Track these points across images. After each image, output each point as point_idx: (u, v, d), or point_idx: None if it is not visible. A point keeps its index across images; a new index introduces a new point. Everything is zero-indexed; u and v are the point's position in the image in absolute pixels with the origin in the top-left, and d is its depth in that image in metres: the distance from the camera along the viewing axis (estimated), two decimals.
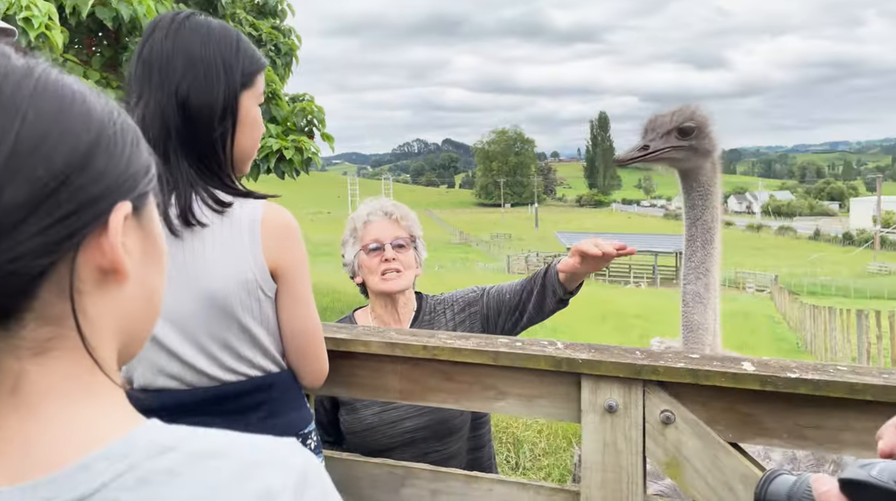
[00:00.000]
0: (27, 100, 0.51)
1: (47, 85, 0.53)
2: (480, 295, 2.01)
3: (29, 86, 0.52)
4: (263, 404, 1.32)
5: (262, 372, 1.33)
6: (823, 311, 13.95)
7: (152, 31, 1.31)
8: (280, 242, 1.32)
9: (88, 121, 0.54)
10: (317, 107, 7.71)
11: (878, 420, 1.27)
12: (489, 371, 1.51)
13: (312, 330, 1.38)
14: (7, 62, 0.53)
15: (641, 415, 1.40)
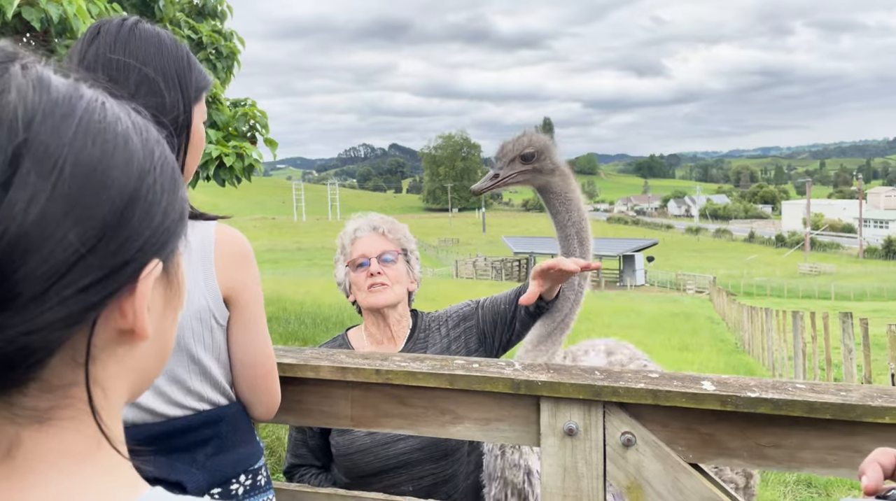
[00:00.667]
0: (66, 148, 0.43)
1: (90, 127, 0.45)
2: (475, 308, 1.94)
3: (69, 130, 0.43)
4: (212, 440, 1.23)
5: (211, 406, 1.24)
6: (760, 312, 14.44)
7: (96, 35, 1.19)
8: (234, 267, 1.23)
9: (129, 171, 0.46)
10: (259, 111, 7.53)
11: (836, 438, 1.27)
12: (445, 394, 1.45)
13: (266, 361, 1.29)
14: (44, 95, 0.44)
15: (602, 438, 1.37)
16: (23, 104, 0.42)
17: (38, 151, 0.41)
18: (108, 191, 0.44)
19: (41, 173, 0.41)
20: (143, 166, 0.47)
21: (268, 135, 7.87)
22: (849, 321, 7.84)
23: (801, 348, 10.13)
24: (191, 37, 8.70)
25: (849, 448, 1.26)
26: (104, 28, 1.21)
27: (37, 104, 0.43)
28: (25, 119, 0.42)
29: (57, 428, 0.46)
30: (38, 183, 0.41)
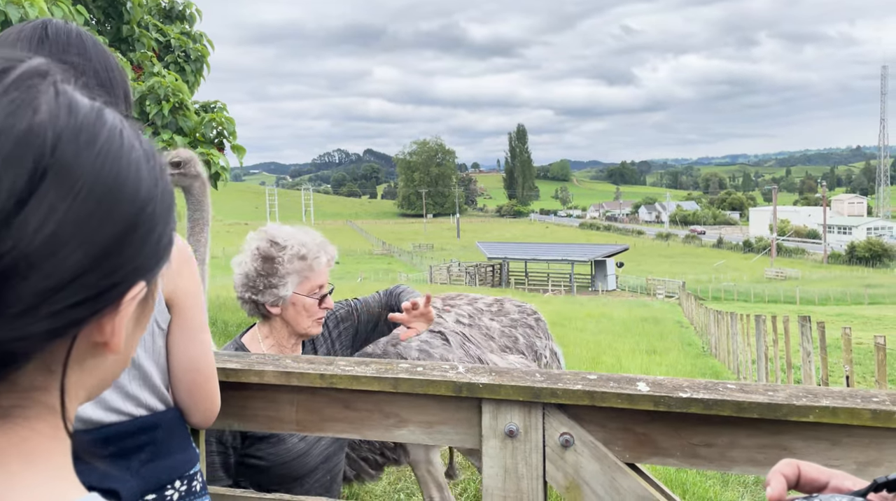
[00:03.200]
0: (85, 173, 0.44)
1: (109, 154, 0.45)
2: (351, 310, 2.11)
3: (91, 155, 0.44)
4: (147, 445, 1.22)
5: (148, 411, 1.23)
6: (726, 316, 14.69)
7: (45, 37, 1.15)
8: (177, 273, 1.23)
9: (135, 200, 0.47)
10: (226, 118, 7.46)
11: (764, 437, 1.32)
12: (389, 398, 1.47)
13: (206, 366, 1.29)
14: (72, 118, 0.44)
15: (541, 439, 1.39)
16: (52, 126, 0.43)
17: (60, 173, 0.42)
18: (114, 218, 0.45)
19: (59, 195, 0.42)
20: (147, 195, 0.48)
21: (235, 141, 7.80)
22: (807, 325, 8.03)
23: (764, 351, 10.33)
24: (158, 39, 8.61)
25: (776, 446, 1.31)
26: (52, 30, 1.18)
27: (64, 127, 0.44)
28: (52, 141, 0.43)
29: (12, 424, 0.47)
30: (54, 203, 0.42)
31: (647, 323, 22.07)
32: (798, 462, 0.61)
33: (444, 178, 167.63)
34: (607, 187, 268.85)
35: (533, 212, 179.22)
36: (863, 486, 0.56)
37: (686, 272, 57.59)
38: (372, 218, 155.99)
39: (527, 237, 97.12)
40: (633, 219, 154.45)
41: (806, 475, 0.60)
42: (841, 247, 78.57)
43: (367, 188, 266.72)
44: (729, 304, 32.93)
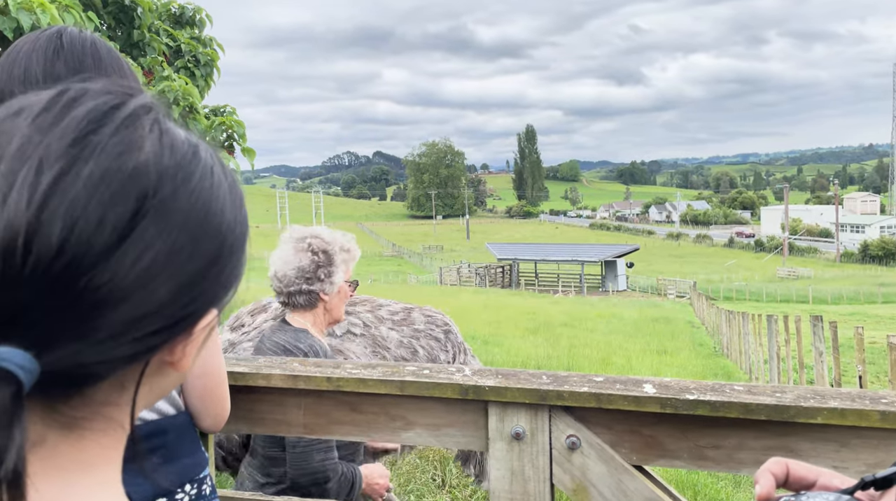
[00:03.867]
0: (181, 211, 0.46)
1: (202, 192, 0.48)
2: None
3: (186, 193, 0.46)
4: (159, 449, 1.23)
5: (159, 416, 1.24)
6: (737, 316, 14.61)
7: (60, 47, 1.16)
8: None
9: (219, 235, 0.49)
10: (236, 121, 7.50)
11: (771, 438, 1.31)
12: (396, 400, 1.47)
13: (217, 371, 1.30)
14: (172, 156, 0.46)
15: (548, 441, 1.39)
16: (156, 165, 0.45)
17: (159, 211, 0.45)
18: (200, 252, 0.48)
19: (156, 231, 0.44)
20: (228, 229, 0.50)
21: (245, 144, 7.85)
22: (819, 324, 7.96)
23: (776, 351, 10.26)
24: (169, 44, 8.67)
25: (784, 448, 1.30)
26: (66, 39, 1.19)
27: (166, 166, 0.46)
28: (155, 180, 0.45)
29: (79, 436, 0.49)
30: (151, 240, 0.44)
31: (658, 323, 21.99)
32: (787, 461, 0.62)
33: (453, 180, 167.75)
34: (617, 187, 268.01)
35: (543, 213, 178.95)
36: (851, 484, 0.57)
37: (697, 272, 57.31)
38: (382, 219, 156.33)
39: (536, 238, 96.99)
40: (644, 219, 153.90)
41: (794, 473, 0.61)
42: (854, 245, 77.92)
43: (376, 190, 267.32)
44: (741, 304, 32.72)
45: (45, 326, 0.42)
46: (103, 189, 0.43)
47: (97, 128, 0.44)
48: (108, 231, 0.43)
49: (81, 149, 0.43)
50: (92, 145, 0.43)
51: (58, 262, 0.41)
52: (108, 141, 0.44)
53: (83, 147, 0.43)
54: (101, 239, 0.42)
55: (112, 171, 0.43)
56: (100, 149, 0.43)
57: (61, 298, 0.42)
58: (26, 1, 4.81)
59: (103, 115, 0.45)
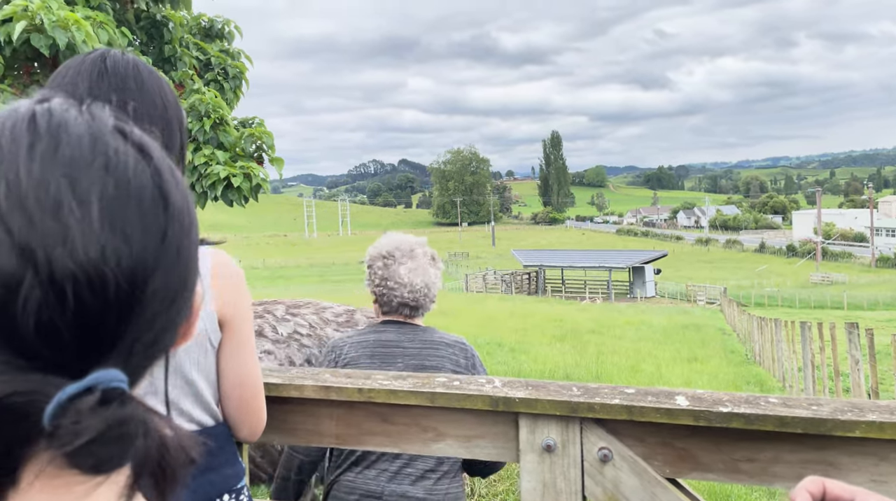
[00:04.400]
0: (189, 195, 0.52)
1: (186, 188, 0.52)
2: None
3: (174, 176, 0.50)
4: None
5: (199, 427, 1.27)
6: (770, 323, 14.33)
7: (105, 71, 1.19)
8: (229, 291, 1.27)
9: (195, 221, 0.53)
10: (265, 132, 7.62)
11: (808, 452, 1.29)
12: (426, 412, 1.48)
13: (254, 382, 1.33)
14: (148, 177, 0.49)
15: (580, 453, 1.39)
16: (155, 166, 0.49)
17: (175, 208, 0.49)
18: (196, 235, 0.52)
19: (178, 227, 0.48)
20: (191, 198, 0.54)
21: (274, 154, 7.96)
22: (855, 331, 7.78)
23: (811, 359, 10.05)
24: (199, 58, 8.85)
25: (821, 461, 1.28)
26: (110, 62, 1.20)
27: (159, 163, 0.49)
28: (162, 178, 0.49)
29: None
30: (178, 236, 0.48)
31: (688, 330, 21.67)
32: (824, 480, 0.62)
33: (478, 187, 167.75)
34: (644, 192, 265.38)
35: (569, 219, 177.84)
36: None
37: (727, 277, 56.40)
38: (407, 227, 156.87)
39: (563, 244, 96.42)
40: (672, 225, 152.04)
41: (830, 492, 0.60)
42: (889, 250, 75.96)
43: (402, 198, 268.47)
44: (773, 310, 32.12)
45: (124, 340, 0.45)
46: (138, 201, 0.46)
47: (95, 148, 0.47)
48: (153, 237, 0.46)
49: (100, 174, 0.46)
50: (108, 168, 0.46)
51: (133, 278, 0.44)
52: (116, 160, 0.47)
53: (99, 171, 0.46)
54: (151, 245, 0.46)
55: (136, 182, 0.47)
56: (114, 169, 0.47)
57: (134, 310, 0.45)
58: (61, 19, 4.95)
59: (97, 135, 0.48)
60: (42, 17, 4.86)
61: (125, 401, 0.43)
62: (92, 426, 0.41)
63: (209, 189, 6.86)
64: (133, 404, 0.44)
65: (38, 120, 0.46)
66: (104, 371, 0.43)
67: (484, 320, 19.60)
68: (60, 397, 0.41)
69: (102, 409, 0.42)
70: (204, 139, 7.22)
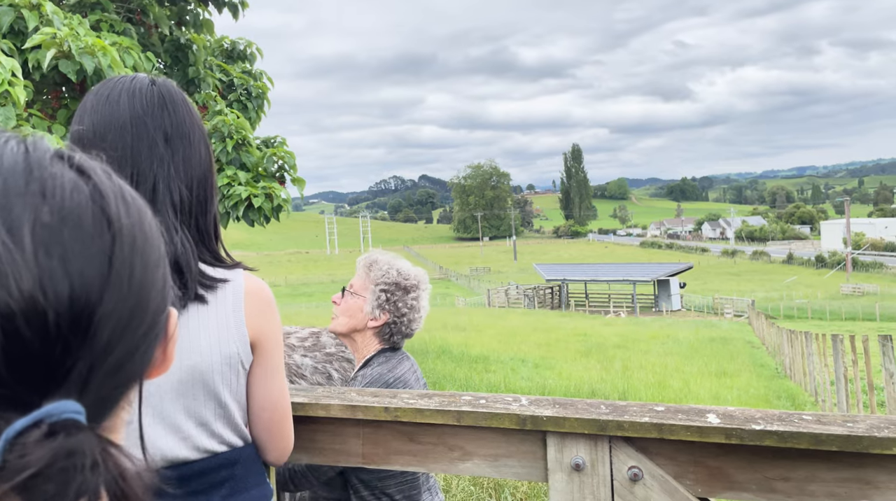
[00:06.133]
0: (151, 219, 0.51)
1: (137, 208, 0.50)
2: None
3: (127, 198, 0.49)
4: (227, 481, 1.26)
5: (228, 448, 1.28)
6: (800, 336, 14.05)
7: (173, 102, 1.23)
8: (261, 315, 1.29)
9: (158, 241, 0.52)
10: (287, 151, 7.72)
11: (844, 470, 1.26)
12: (453, 431, 1.47)
13: (283, 404, 1.34)
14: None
15: (609, 472, 1.37)
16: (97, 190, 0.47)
17: (123, 232, 0.47)
18: (160, 260, 0.51)
19: (129, 251, 0.47)
20: (159, 233, 0.53)
21: (296, 174, 8.05)
22: (889, 344, 7.59)
23: (843, 372, 9.82)
24: (222, 79, 9.01)
25: (858, 480, 1.24)
26: (164, 90, 1.24)
27: (104, 188, 0.48)
28: (106, 203, 0.47)
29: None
30: (130, 260, 0.47)
31: (716, 343, 21.34)
32: None
33: (499, 201, 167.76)
34: (668, 204, 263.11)
35: (591, 232, 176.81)
36: None
37: (755, 289, 55.51)
38: (429, 242, 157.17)
39: (585, 257, 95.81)
40: (697, 236, 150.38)
41: None
42: None
43: (423, 213, 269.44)
44: (803, 323, 31.53)
45: (76, 371, 0.43)
46: (76, 227, 0.44)
47: (30, 176, 0.45)
48: (97, 263, 0.44)
49: (34, 198, 0.44)
50: (40, 192, 0.45)
51: (74, 307, 0.43)
52: (51, 183, 0.45)
53: (34, 196, 0.44)
54: (95, 272, 0.44)
55: (75, 209, 0.45)
56: (51, 192, 0.45)
57: (83, 339, 0.43)
58: (88, 46, 5.09)
59: (25, 161, 0.46)
60: (70, 44, 4.99)
61: (73, 433, 0.42)
62: (36, 459, 0.40)
63: (231, 209, 6.96)
64: (84, 435, 0.42)
65: None
66: (56, 403, 0.42)
67: (507, 335, 19.49)
68: (8, 433, 0.40)
69: (48, 441, 0.41)
70: (226, 160, 7.33)
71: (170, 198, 1.20)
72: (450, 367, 11.96)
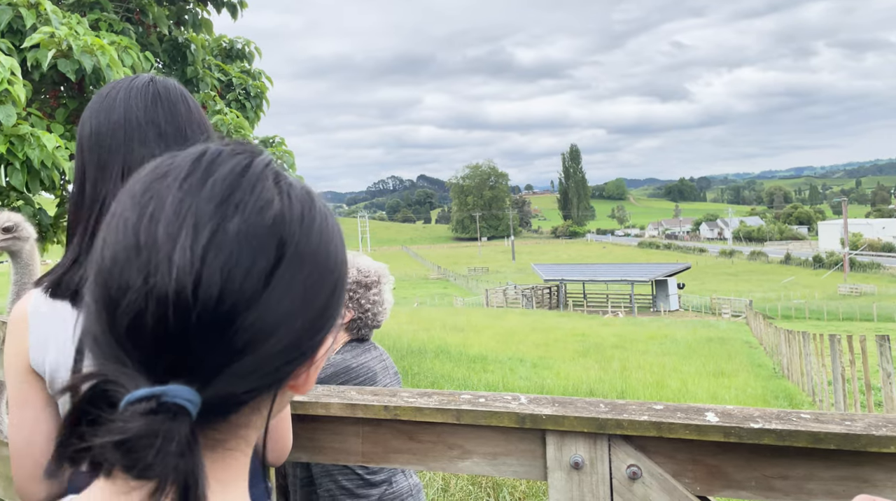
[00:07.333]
0: (307, 256, 0.52)
1: (323, 234, 0.54)
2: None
3: (314, 237, 0.53)
4: None
5: None
6: (798, 336, 14.08)
7: (158, 98, 1.21)
8: None
9: (335, 269, 0.55)
10: (286, 151, 7.71)
11: (842, 468, 1.26)
12: (452, 429, 1.48)
13: None
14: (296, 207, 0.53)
15: (608, 471, 1.37)
16: (285, 216, 0.51)
17: (293, 256, 0.51)
18: (325, 288, 0.54)
19: (293, 274, 0.50)
20: (341, 262, 0.57)
21: (295, 173, 8.04)
22: (886, 344, 7.61)
23: (841, 372, 9.84)
24: (220, 79, 9.01)
25: (856, 478, 1.25)
26: (160, 87, 1.23)
27: (292, 216, 0.52)
28: (287, 228, 0.51)
29: (220, 456, 0.54)
30: (290, 282, 0.50)
31: (713, 343, 21.37)
32: (873, 498, 0.62)
33: (497, 201, 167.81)
34: (665, 204, 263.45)
35: (589, 233, 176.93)
36: None
37: (753, 290, 55.59)
38: (427, 242, 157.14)
39: (584, 258, 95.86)
40: (694, 237, 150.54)
41: None
42: None
43: (421, 213, 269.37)
44: (800, 323, 31.58)
45: (206, 364, 0.48)
46: (249, 242, 0.49)
47: (236, 189, 0.50)
48: (255, 278, 0.48)
49: (227, 208, 0.49)
50: (234, 204, 0.50)
51: (218, 309, 0.47)
52: (247, 199, 0.50)
53: (228, 206, 0.49)
54: (250, 285, 0.48)
55: (255, 226, 0.49)
56: (242, 207, 0.50)
57: (219, 339, 0.48)
58: (88, 45, 5.09)
59: (238, 176, 0.51)
60: (70, 43, 4.98)
61: (175, 418, 0.45)
62: (131, 427, 0.44)
63: None
64: (183, 423, 0.46)
65: (202, 160, 0.52)
66: (178, 386, 0.46)
67: (505, 335, 19.50)
68: (128, 397, 0.46)
69: (149, 416, 0.45)
70: None
71: None
72: (448, 367, 11.97)
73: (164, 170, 0.52)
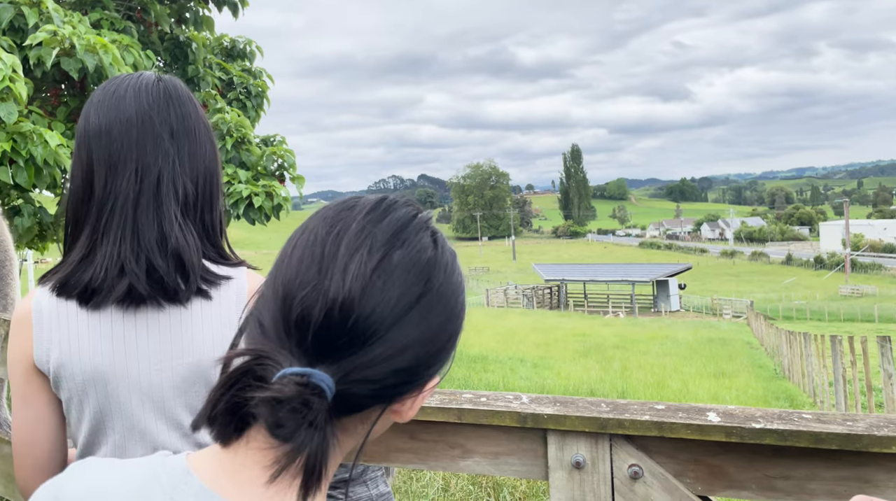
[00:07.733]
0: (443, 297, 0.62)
1: (456, 284, 0.64)
2: None
3: (447, 284, 0.63)
4: None
5: None
6: (799, 337, 14.07)
7: (169, 98, 1.22)
8: None
9: (459, 315, 0.65)
10: (287, 150, 7.71)
11: (844, 469, 1.26)
12: (454, 428, 1.48)
13: None
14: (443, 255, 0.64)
15: (609, 471, 1.37)
16: (435, 260, 0.62)
17: (432, 294, 0.61)
18: (449, 328, 0.63)
19: (429, 309, 0.60)
20: (463, 309, 0.65)
21: (295, 172, 8.04)
22: (887, 345, 7.60)
23: (842, 373, 9.83)
24: (221, 77, 9.01)
25: (858, 478, 1.25)
26: (170, 86, 1.23)
27: (440, 262, 0.62)
28: (436, 271, 0.62)
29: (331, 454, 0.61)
30: (425, 315, 0.60)
31: (714, 344, 21.36)
32: (871, 499, 0.64)
33: (498, 201, 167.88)
34: (667, 205, 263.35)
35: (590, 233, 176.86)
36: None
37: (754, 290, 55.58)
38: None
39: (585, 258, 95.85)
40: (696, 237, 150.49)
41: None
42: None
43: None
44: (802, 324, 31.57)
45: (347, 361, 0.57)
46: (406, 271, 0.60)
47: (404, 229, 0.62)
48: (404, 302, 0.59)
49: (396, 241, 0.61)
50: (402, 240, 0.61)
51: (371, 317, 0.57)
52: (412, 239, 0.61)
53: (397, 240, 0.61)
54: (399, 307, 0.58)
55: (413, 261, 0.60)
56: (407, 244, 0.61)
57: (364, 343, 0.57)
58: (90, 44, 5.09)
59: (408, 221, 0.63)
60: (73, 42, 4.99)
61: (318, 394, 0.55)
62: (285, 390, 0.54)
63: (232, 207, 6.95)
64: (322, 401, 0.55)
65: (383, 203, 0.64)
66: (322, 373, 0.55)
67: (506, 335, 19.50)
68: (286, 370, 0.55)
69: (299, 387, 0.54)
70: (226, 158, 7.32)
71: (174, 192, 1.20)
72: None
73: (353, 204, 0.64)
